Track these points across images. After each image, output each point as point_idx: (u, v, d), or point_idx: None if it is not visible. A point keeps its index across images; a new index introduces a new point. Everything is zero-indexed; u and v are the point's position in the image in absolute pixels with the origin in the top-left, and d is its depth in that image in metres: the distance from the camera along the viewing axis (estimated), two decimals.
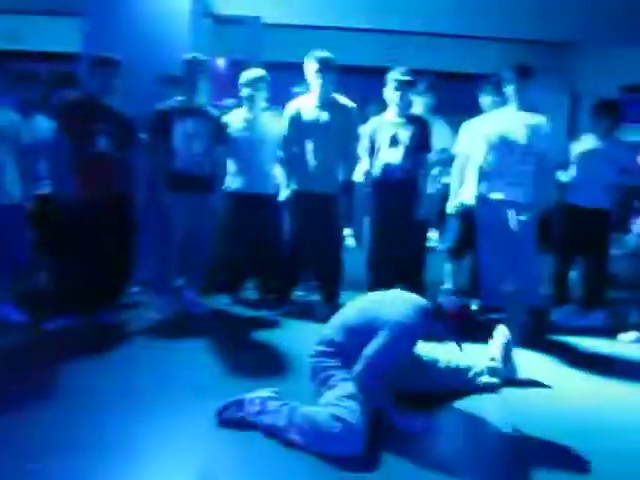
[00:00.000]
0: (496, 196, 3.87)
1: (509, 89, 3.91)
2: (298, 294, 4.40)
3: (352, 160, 4.07)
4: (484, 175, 3.92)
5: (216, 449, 2.32)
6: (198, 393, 2.77)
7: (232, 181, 4.20)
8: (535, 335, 3.94)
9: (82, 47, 4.52)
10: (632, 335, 3.93)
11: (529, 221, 3.93)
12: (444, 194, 4.43)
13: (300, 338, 3.64)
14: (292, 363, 3.19)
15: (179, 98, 3.91)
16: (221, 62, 6.33)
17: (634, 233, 5.24)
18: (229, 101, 4.89)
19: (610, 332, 4.01)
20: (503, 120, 3.92)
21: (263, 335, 3.66)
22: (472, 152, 4.04)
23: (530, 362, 3.43)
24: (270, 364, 3.20)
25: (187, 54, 3.97)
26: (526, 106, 3.93)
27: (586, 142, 4.27)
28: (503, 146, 3.89)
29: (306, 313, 4.23)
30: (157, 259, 3.98)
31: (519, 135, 3.87)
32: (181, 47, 4.47)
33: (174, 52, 4.32)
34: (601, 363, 3.51)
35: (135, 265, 3.89)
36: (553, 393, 3.01)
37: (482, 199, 3.95)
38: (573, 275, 4.51)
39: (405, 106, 4.02)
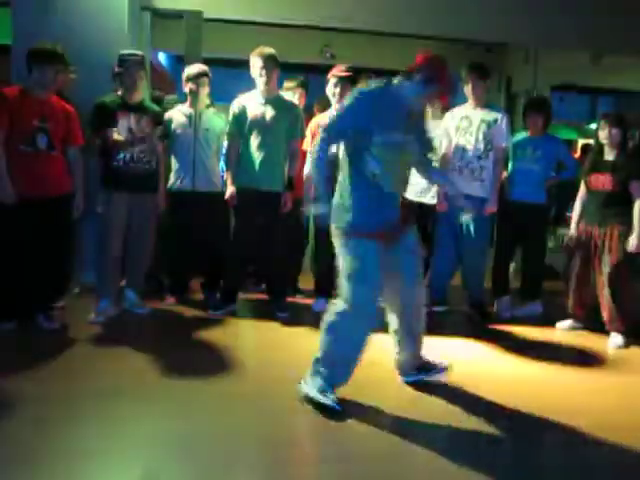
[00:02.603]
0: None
1: (466, 88, 4.07)
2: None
3: (297, 157, 4.06)
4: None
5: (155, 453, 2.27)
6: (142, 396, 2.70)
7: (175, 179, 4.12)
8: (477, 326, 4.09)
9: (13, 40, 4.32)
10: (567, 323, 4.12)
11: (485, 216, 4.08)
12: None
13: (247, 337, 3.63)
14: (239, 363, 3.15)
15: (118, 93, 3.80)
16: (162, 57, 6.21)
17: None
18: (171, 97, 4.78)
19: (547, 321, 4.20)
20: (461, 117, 4.06)
21: (209, 335, 3.61)
22: None
23: (473, 351, 3.59)
24: (217, 365, 3.15)
25: (125, 48, 3.86)
26: (482, 103, 4.09)
27: (521, 139, 4.43)
28: (461, 142, 4.01)
29: (253, 312, 4.22)
30: (98, 260, 3.86)
31: (477, 132, 4.00)
32: (119, 41, 4.35)
33: (112, 46, 4.20)
34: (539, 349, 3.66)
35: (74, 267, 3.75)
36: (495, 379, 3.12)
37: (442, 194, 4.06)
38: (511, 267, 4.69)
39: None
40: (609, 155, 3.86)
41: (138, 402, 2.65)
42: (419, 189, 4.29)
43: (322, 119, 4.11)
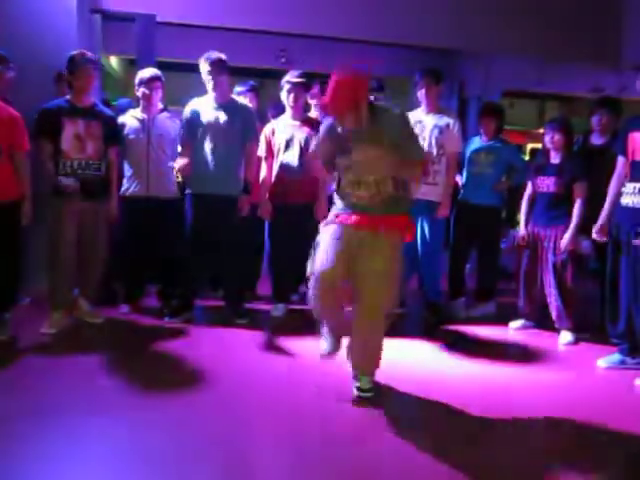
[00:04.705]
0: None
1: (420, 92, 4.12)
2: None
3: (253, 161, 4.04)
4: None
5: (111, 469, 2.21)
6: (96, 410, 2.63)
7: (128, 185, 4.04)
8: (433, 326, 4.15)
9: None
10: (519, 323, 4.23)
11: (439, 219, 4.15)
12: None
13: (204, 345, 3.58)
14: (198, 372, 3.11)
15: (67, 97, 3.70)
16: (113, 60, 6.09)
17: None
18: (122, 101, 4.69)
19: (501, 320, 4.30)
20: (414, 122, 4.11)
21: (165, 344, 3.54)
22: None
23: (427, 351, 3.66)
24: (174, 374, 3.09)
25: (73, 50, 3.75)
26: (435, 108, 4.14)
27: (475, 143, 4.53)
28: None
29: (210, 319, 4.17)
30: (49, 269, 3.73)
31: (430, 136, 4.06)
32: (68, 44, 4.24)
33: (60, 49, 4.09)
34: (491, 348, 3.75)
35: (24, 276, 3.62)
36: (447, 378, 3.17)
37: None
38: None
39: (300, 108, 4.08)
40: (554, 159, 3.99)
41: (92, 417, 2.57)
42: None
43: (276, 124, 4.11)
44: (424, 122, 4.12)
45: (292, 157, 4.02)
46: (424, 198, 4.03)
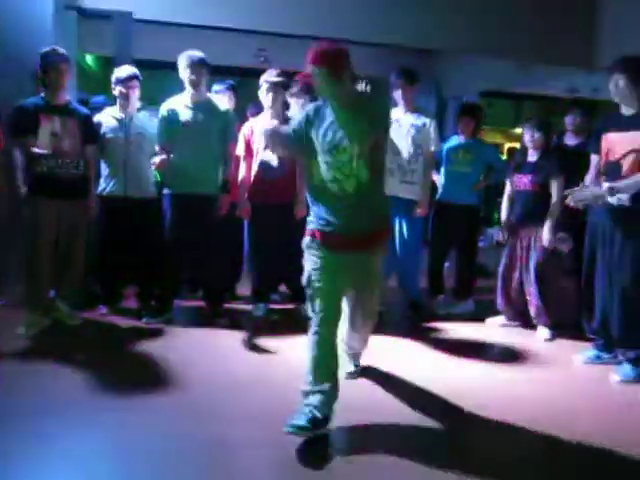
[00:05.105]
0: (390, 194, 4.05)
1: (396, 93, 4.15)
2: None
3: (230, 161, 4.02)
4: None
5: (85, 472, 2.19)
6: (73, 414, 2.59)
7: (106, 184, 3.99)
8: (413, 324, 4.19)
9: None
10: (498, 319, 4.28)
11: (417, 218, 4.19)
12: None
13: (183, 346, 3.55)
14: (177, 373, 3.08)
15: (42, 95, 3.64)
16: (89, 58, 6.01)
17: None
18: (97, 99, 4.63)
19: (480, 318, 4.35)
20: (393, 120, 4.13)
21: (145, 346, 3.51)
22: None
23: (406, 348, 3.69)
24: (154, 376, 3.05)
25: (46, 47, 3.69)
26: (412, 108, 4.18)
27: (453, 143, 4.57)
28: (393, 146, 4.09)
29: (190, 319, 4.14)
30: (26, 269, 3.67)
31: (407, 136, 4.09)
32: (42, 41, 4.17)
33: (34, 46, 4.01)
34: (470, 346, 3.79)
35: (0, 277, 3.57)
36: (425, 376, 3.18)
37: None
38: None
39: (279, 108, 4.07)
40: (532, 157, 4.05)
41: (69, 420, 2.53)
42: None
43: (255, 123, 4.10)
44: (401, 121, 4.15)
45: (271, 156, 4.01)
46: (402, 197, 4.06)
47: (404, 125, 4.15)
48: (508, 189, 4.20)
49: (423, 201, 4.20)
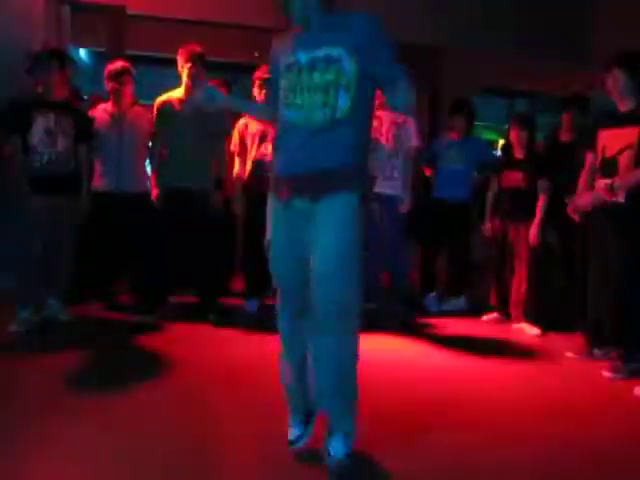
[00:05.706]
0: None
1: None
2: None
3: (225, 155, 4.01)
4: None
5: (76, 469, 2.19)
6: (66, 411, 2.59)
7: (99, 181, 3.98)
8: (406, 321, 4.20)
9: None
10: (490, 315, 4.30)
11: (400, 214, 4.20)
12: None
13: (176, 342, 3.55)
14: (171, 369, 3.08)
15: (39, 91, 3.62)
16: (83, 53, 5.96)
17: None
18: (93, 95, 4.61)
19: (472, 314, 4.37)
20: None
21: (138, 341, 3.51)
22: None
23: (399, 346, 3.69)
24: (147, 372, 3.04)
25: (41, 43, 3.69)
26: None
27: (446, 139, 4.58)
28: (373, 143, 4.09)
29: (183, 315, 4.14)
30: (18, 265, 3.66)
31: (387, 132, 4.10)
32: (35, 36, 4.16)
33: (27, 41, 4.00)
34: (462, 342, 3.79)
35: None
36: (417, 373, 3.19)
37: None
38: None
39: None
40: (519, 154, 4.07)
41: (61, 417, 2.52)
42: None
43: (249, 120, 4.08)
44: (381, 117, 4.16)
45: (265, 152, 4.00)
46: (384, 192, 4.07)
47: (385, 121, 4.18)
48: (494, 185, 4.23)
49: (407, 198, 4.22)
